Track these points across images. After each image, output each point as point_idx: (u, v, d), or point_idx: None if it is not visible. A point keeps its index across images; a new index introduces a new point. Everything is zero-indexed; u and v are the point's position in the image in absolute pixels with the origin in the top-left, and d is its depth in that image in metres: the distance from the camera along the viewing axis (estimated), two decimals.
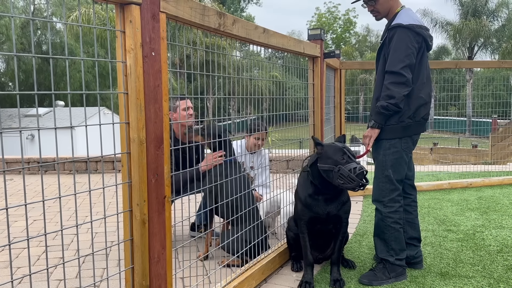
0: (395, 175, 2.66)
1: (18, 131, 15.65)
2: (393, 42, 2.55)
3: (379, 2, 2.70)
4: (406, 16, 2.59)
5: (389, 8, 2.72)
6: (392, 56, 2.54)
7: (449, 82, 7.58)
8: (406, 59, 2.50)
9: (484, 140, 12.57)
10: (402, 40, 2.52)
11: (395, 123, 2.62)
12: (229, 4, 42.79)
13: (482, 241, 3.39)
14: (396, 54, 2.52)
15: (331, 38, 51.17)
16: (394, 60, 2.52)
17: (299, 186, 2.77)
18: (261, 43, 2.63)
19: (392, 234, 2.70)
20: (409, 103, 2.60)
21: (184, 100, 3.26)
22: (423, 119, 2.68)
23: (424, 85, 2.64)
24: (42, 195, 1.38)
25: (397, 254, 2.71)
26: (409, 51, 2.51)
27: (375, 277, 2.67)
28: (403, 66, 2.49)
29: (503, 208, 4.40)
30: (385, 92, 2.55)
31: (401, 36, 2.52)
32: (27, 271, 2.98)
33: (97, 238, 3.66)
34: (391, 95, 2.51)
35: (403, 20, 2.56)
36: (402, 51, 2.51)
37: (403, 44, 2.51)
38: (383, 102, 2.55)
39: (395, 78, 2.51)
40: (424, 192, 5.24)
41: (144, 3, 1.64)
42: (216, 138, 2.97)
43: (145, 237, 1.74)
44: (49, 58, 1.37)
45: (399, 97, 2.51)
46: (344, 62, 5.04)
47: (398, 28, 2.54)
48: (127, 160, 1.70)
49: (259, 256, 2.77)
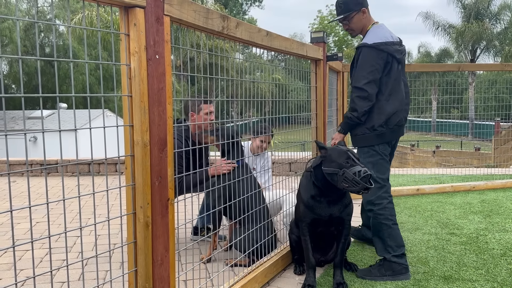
0: (379, 174, 2.84)
1: (21, 134, 15.74)
2: (359, 60, 2.82)
3: (353, 21, 2.97)
4: (373, 35, 2.85)
5: (362, 26, 2.99)
6: (357, 73, 2.80)
7: (452, 85, 7.57)
8: (369, 75, 2.75)
9: (487, 143, 12.54)
10: (366, 58, 2.78)
11: (369, 132, 2.85)
12: (232, 7, 42.89)
13: (485, 245, 3.38)
14: (361, 71, 2.78)
15: (333, 41, 51.18)
16: (358, 76, 2.78)
17: (301, 188, 2.76)
18: (264, 46, 2.63)
19: (386, 231, 2.81)
20: (379, 113, 2.83)
21: (208, 104, 3.24)
22: (396, 125, 2.88)
23: (391, 96, 2.84)
24: (46, 197, 1.39)
25: (394, 250, 2.78)
26: (373, 68, 2.76)
27: (369, 273, 2.77)
28: (366, 82, 2.75)
29: (506, 211, 4.39)
30: (351, 104, 2.84)
31: (364, 55, 2.79)
32: (30, 273, 2.98)
33: (100, 240, 3.66)
34: (355, 108, 2.80)
35: (369, 39, 2.82)
36: (366, 68, 2.76)
37: (367, 62, 2.77)
38: (348, 113, 2.86)
39: (359, 93, 2.77)
40: (426, 195, 5.23)
41: (149, 6, 1.65)
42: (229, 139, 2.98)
43: (148, 240, 1.74)
44: (53, 61, 1.37)
45: (361, 111, 2.78)
46: (347, 65, 5.03)
47: (363, 48, 2.81)
48: (131, 162, 1.71)
49: (262, 259, 2.77)
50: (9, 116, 19.53)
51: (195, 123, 3.21)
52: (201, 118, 3.19)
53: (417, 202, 4.84)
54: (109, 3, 1.58)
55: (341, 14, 2.98)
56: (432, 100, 16.23)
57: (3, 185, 6.64)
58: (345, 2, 2.96)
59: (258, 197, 2.96)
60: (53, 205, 5.01)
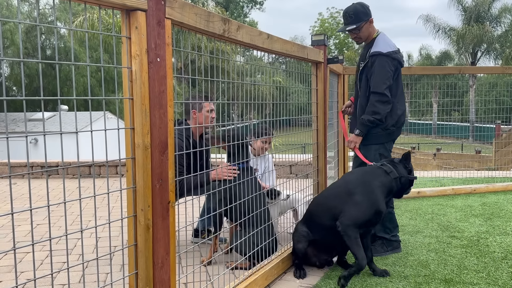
0: None
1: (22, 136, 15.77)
2: (375, 67, 3.10)
3: (362, 31, 3.22)
4: (384, 44, 3.16)
5: (368, 34, 3.26)
6: (375, 79, 3.09)
7: (452, 88, 7.57)
8: (387, 81, 3.07)
9: (488, 145, 12.54)
10: (382, 66, 3.08)
11: (381, 130, 3.17)
12: (232, 9, 42.97)
13: (486, 248, 3.37)
14: (379, 77, 3.08)
15: (334, 43, 51.25)
16: (377, 82, 3.07)
17: (377, 191, 2.72)
18: (265, 48, 2.64)
19: (390, 218, 3.24)
20: (392, 114, 3.17)
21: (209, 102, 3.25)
22: (402, 124, 3.29)
23: (400, 98, 3.22)
24: (47, 199, 1.39)
25: (391, 231, 3.27)
26: (388, 75, 3.08)
27: (375, 250, 3.18)
28: (385, 87, 3.06)
29: (507, 214, 4.38)
30: (372, 108, 3.10)
31: (381, 63, 3.09)
32: (30, 275, 2.98)
33: (100, 243, 3.66)
34: (377, 112, 3.08)
35: (382, 48, 3.12)
36: (384, 75, 3.07)
37: (384, 69, 3.08)
38: (370, 117, 3.10)
39: (380, 97, 3.07)
40: (427, 198, 5.22)
41: (150, 9, 1.66)
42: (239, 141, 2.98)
43: (149, 243, 1.75)
44: (54, 63, 1.38)
45: (384, 113, 3.09)
46: (347, 68, 5.04)
47: (378, 56, 3.10)
48: (132, 165, 1.71)
49: (263, 262, 2.77)
50: (10, 118, 19.55)
51: (196, 123, 3.21)
52: (203, 116, 3.20)
53: (417, 205, 4.83)
54: (111, 6, 1.58)
55: (352, 24, 3.18)
56: (433, 102, 16.24)
57: (4, 187, 6.65)
58: (356, 13, 3.17)
59: (260, 200, 2.95)
60: (53, 207, 5.01)
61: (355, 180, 2.82)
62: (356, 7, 3.20)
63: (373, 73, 3.11)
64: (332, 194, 2.89)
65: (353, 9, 3.19)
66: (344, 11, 3.26)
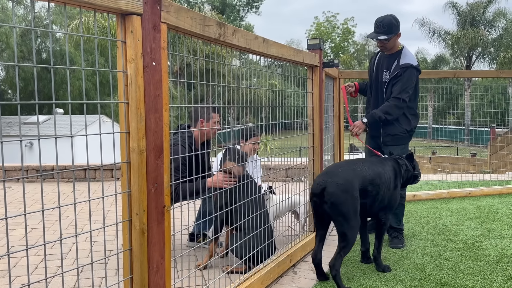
0: None
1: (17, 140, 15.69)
2: (404, 76, 3.44)
3: (390, 42, 3.50)
4: (412, 57, 3.52)
5: (393, 45, 3.56)
6: (401, 87, 3.43)
7: (448, 91, 7.61)
8: (410, 90, 3.45)
9: (483, 149, 12.59)
10: (410, 77, 3.44)
11: (406, 133, 3.58)
12: (229, 13, 43.03)
13: (481, 251, 3.38)
14: (404, 86, 3.43)
15: (330, 47, 51.38)
16: (402, 90, 3.43)
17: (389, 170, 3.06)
18: (261, 52, 2.64)
19: (401, 210, 3.62)
20: (414, 118, 3.62)
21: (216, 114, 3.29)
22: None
23: (416, 103, 3.69)
24: (41, 204, 1.38)
25: (402, 222, 3.67)
26: (412, 85, 3.47)
27: (400, 241, 3.55)
28: (407, 95, 3.43)
29: (502, 218, 4.40)
30: (387, 109, 3.45)
31: (411, 74, 3.45)
32: (25, 280, 2.96)
33: (96, 247, 3.64)
34: (391, 113, 3.46)
35: (411, 60, 3.48)
36: (409, 85, 3.44)
37: (410, 80, 3.45)
38: (382, 115, 3.45)
39: (400, 103, 3.44)
40: (423, 201, 5.24)
41: (145, 13, 1.66)
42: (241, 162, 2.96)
43: (144, 247, 1.74)
44: (49, 67, 1.37)
45: (394, 117, 3.48)
46: (343, 71, 5.06)
47: (409, 68, 3.45)
48: (127, 169, 1.70)
49: (259, 266, 2.76)
50: (5, 122, 19.45)
51: (201, 131, 3.22)
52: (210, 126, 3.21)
53: (413, 208, 4.84)
54: (106, 10, 1.58)
55: (384, 34, 3.44)
56: (428, 106, 16.29)
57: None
58: (389, 25, 3.43)
59: (258, 203, 2.95)
60: (49, 211, 4.99)
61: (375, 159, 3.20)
62: (390, 20, 3.44)
63: (400, 80, 3.44)
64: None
65: (388, 21, 3.43)
66: (378, 20, 3.46)
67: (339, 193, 2.63)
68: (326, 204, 2.64)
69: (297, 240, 3.34)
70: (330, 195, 2.62)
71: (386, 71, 3.56)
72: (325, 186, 2.65)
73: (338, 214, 2.65)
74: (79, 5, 1.49)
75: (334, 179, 2.67)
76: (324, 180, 2.68)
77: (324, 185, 2.65)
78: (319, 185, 2.68)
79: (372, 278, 2.90)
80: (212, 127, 3.24)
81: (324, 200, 2.64)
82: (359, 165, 2.86)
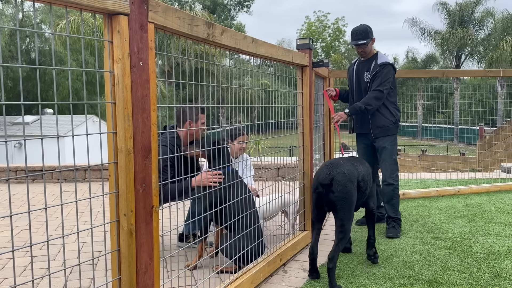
0: (394, 156, 3.96)
1: (2, 141, 15.53)
2: (383, 72, 3.87)
3: (368, 47, 3.97)
4: (385, 57, 4.00)
5: (370, 50, 4.04)
6: (380, 80, 3.85)
7: (437, 90, 7.68)
8: (388, 84, 3.88)
9: (472, 147, 12.72)
10: (388, 73, 3.89)
11: (393, 124, 3.96)
12: (220, 12, 42.95)
13: (469, 248, 3.42)
14: (384, 80, 3.85)
15: (321, 47, 51.55)
16: (381, 83, 3.85)
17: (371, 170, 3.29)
18: (250, 52, 2.65)
19: (397, 200, 3.95)
20: (398, 110, 4.05)
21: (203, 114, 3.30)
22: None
23: (396, 98, 4.07)
24: (28, 205, 1.37)
25: (399, 212, 3.96)
26: (391, 80, 3.91)
27: (396, 231, 3.81)
28: (385, 88, 3.86)
29: (490, 215, 4.45)
30: (368, 100, 3.84)
31: (389, 70, 3.90)
32: (12, 281, 2.93)
33: (84, 248, 3.62)
34: (370, 104, 3.84)
35: (387, 60, 3.95)
36: (387, 78, 3.87)
37: (389, 75, 3.89)
38: (362, 106, 3.82)
39: (379, 94, 3.85)
40: (412, 200, 5.28)
41: (132, 13, 1.65)
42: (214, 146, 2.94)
43: (132, 248, 1.73)
44: (35, 68, 1.36)
45: (374, 108, 3.87)
46: (333, 71, 5.08)
47: (387, 65, 3.90)
48: (114, 170, 1.69)
49: (249, 265, 2.77)
50: None
51: (188, 132, 3.20)
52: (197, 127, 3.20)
53: (402, 207, 4.88)
54: (92, 10, 1.57)
55: (363, 39, 3.90)
56: (418, 105, 16.40)
57: None
58: (365, 32, 3.92)
59: (248, 202, 2.95)
60: (37, 212, 4.94)
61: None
62: (365, 27, 3.95)
63: (378, 76, 3.86)
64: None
65: (363, 29, 3.93)
66: (355, 30, 3.97)
67: (346, 182, 2.78)
68: (333, 193, 2.75)
69: (287, 239, 3.35)
70: (339, 184, 2.76)
71: (366, 72, 3.99)
72: (333, 176, 2.77)
73: (344, 203, 2.76)
74: (65, 5, 1.48)
75: (340, 169, 2.82)
76: (331, 171, 2.82)
77: (332, 175, 2.78)
78: (328, 176, 2.79)
79: (361, 276, 2.91)
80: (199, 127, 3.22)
81: (331, 189, 2.76)
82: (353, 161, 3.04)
